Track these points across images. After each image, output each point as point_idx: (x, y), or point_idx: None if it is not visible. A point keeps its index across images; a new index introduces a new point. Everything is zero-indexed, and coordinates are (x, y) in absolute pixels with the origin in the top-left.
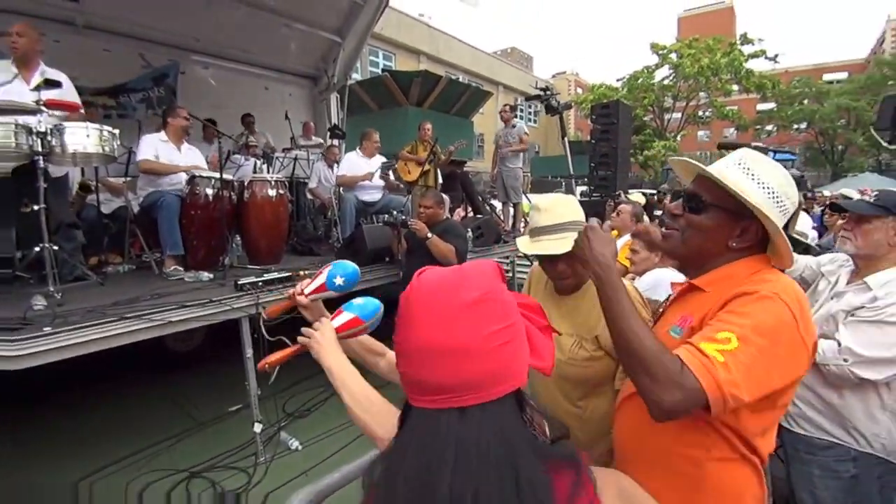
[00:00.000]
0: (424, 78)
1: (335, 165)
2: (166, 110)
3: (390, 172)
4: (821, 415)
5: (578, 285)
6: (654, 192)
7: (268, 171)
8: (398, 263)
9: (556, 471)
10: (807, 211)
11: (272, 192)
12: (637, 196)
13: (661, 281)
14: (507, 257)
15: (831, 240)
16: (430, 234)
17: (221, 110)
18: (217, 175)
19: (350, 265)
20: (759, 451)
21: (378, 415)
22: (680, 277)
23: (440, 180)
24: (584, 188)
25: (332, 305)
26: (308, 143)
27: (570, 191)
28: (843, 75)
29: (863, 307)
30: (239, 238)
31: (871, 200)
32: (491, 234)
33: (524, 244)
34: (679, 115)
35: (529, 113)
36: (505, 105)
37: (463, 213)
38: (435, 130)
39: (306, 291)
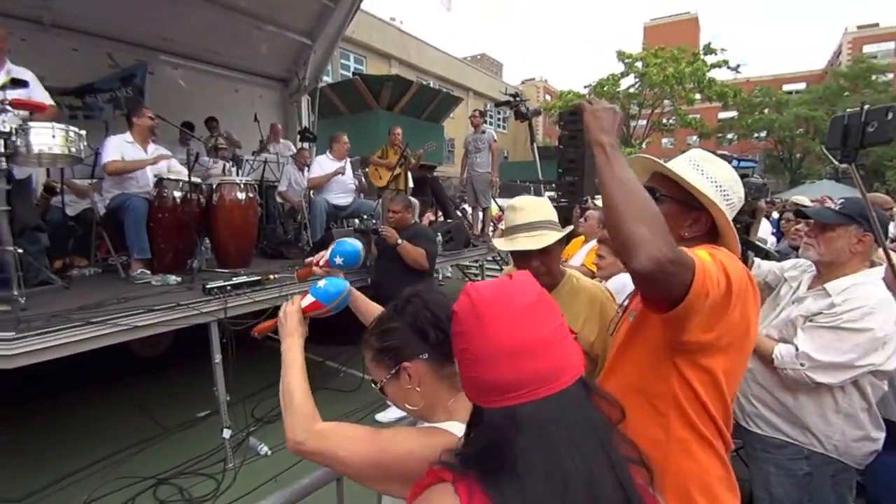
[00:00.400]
0: (395, 82)
1: (306, 169)
2: (131, 110)
3: (361, 176)
4: (777, 415)
5: (553, 284)
6: None
7: (237, 174)
8: (368, 269)
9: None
10: (767, 217)
11: (241, 196)
12: None
13: (627, 285)
14: (477, 261)
15: (787, 245)
16: (400, 241)
17: (191, 112)
18: (185, 178)
19: (352, 245)
20: (717, 421)
21: (292, 415)
22: None
23: (411, 184)
24: (553, 193)
25: None
26: (277, 148)
27: (539, 195)
28: (801, 86)
29: (821, 313)
30: (208, 242)
31: (836, 209)
32: (461, 237)
33: (501, 243)
34: (644, 122)
35: (498, 119)
36: (475, 110)
37: (433, 218)
38: (406, 135)
39: (321, 262)
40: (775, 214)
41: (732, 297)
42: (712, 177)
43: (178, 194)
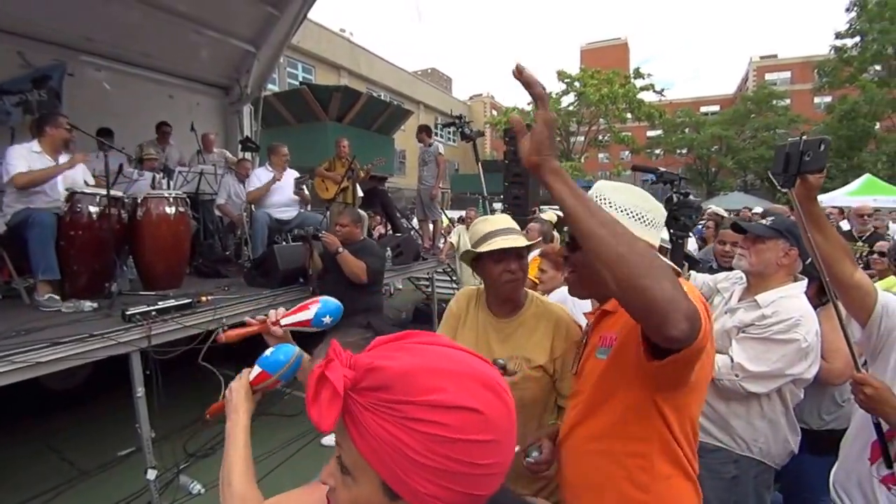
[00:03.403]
0: (344, 93)
1: (247, 180)
2: (42, 118)
3: (304, 187)
4: (710, 421)
5: (519, 305)
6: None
7: (168, 187)
8: (312, 282)
9: None
10: (692, 227)
11: (170, 210)
12: (550, 214)
13: (567, 300)
14: (427, 274)
15: (709, 251)
16: (341, 249)
17: (118, 118)
18: (102, 191)
19: (335, 302)
20: (693, 450)
21: (229, 499)
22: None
23: (361, 193)
24: (500, 205)
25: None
26: (211, 158)
27: (486, 209)
28: (716, 108)
29: (752, 324)
30: (132, 261)
31: (768, 224)
32: (410, 251)
33: (481, 248)
34: (582, 138)
35: (449, 133)
36: (420, 126)
37: (383, 231)
38: (355, 147)
39: (283, 322)
40: (699, 224)
41: (709, 331)
42: (621, 205)
43: (94, 209)
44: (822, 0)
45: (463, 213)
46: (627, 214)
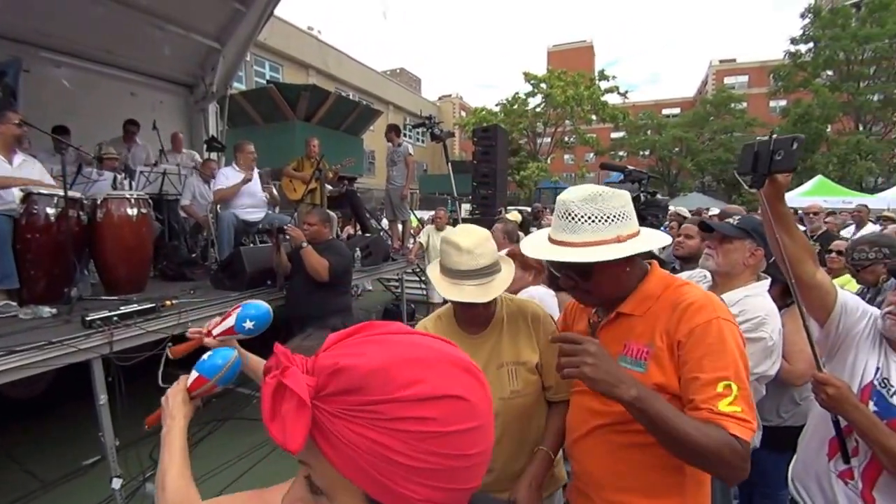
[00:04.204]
0: (313, 92)
1: (212, 181)
2: None
3: (273, 188)
4: None
5: (487, 322)
6: (530, 209)
7: (130, 187)
8: (282, 282)
9: None
10: (658, 226)
11: (132, 211)
12: (514, 214)
13: (534, 297)
14: (397, 275)
15: (671, 251)
16: (305, 243)
17: (78, 117)
18: (60, 192)
19: (262, 306)
20: None
21: (162, 502)
22: (551, 294)
23: (327, 193)
24: (469, 206)
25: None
26: (178, 158)
27: (455, 208)
28: (677, 110)
29: None
30: (93, 265)
31: (735, 224)
32: (380, 252)
33: (445, 289)
34: (549, 139)
35: (418, 133)
36: (389, 125)
37: (352, 231)
38: (324, 147)
39: (215, 332)
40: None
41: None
42: (593, 215)
43: (51, 211)
44: (781, 7)
45: (432, 212)
46: (606, 221)
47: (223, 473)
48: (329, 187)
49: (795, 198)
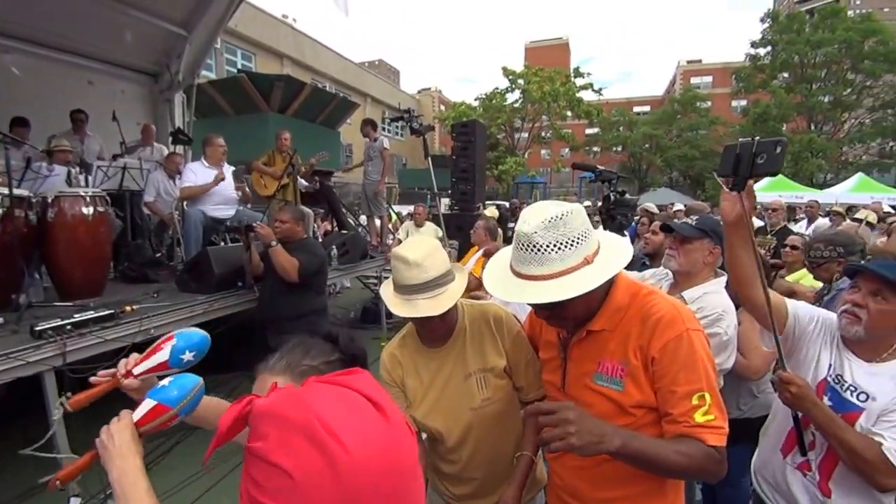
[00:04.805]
0: (287, 83)
1: (178, 176)
2: None
3: (245, 185)
4: None
5: (450, 333)
6: (508, 204)
7: (86, 183)
8: (251, 283)
9: None
10: (627, 225)
11: (87, 210)
12: (492, 210)
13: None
14: (376, 272)
15: (641, 247)
16: (274, 242)
17: (29, 107)
18: (4, 190)
19: (196, 333)
20: None
21: None
22: None
23: (304, 183)
24: (447, 200)
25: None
26: (146, 152)
27: (434, 202)
28: (647, 108)
29: None
30: (45, 268)
31: (693, 224)
32: (357, 249)
33: (395, 304)
34: (526, 134)
35: (397, 127)
36: (365, 120)
37: (329, 227)
38: (299, 140)
39: (136, 371)
40: (634, 219)
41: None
42: (555, 242)
43: None
44: (745, 10)
45: (412, 208)
46: (571, 246)
47: (172, 499)
48: (304, 182)
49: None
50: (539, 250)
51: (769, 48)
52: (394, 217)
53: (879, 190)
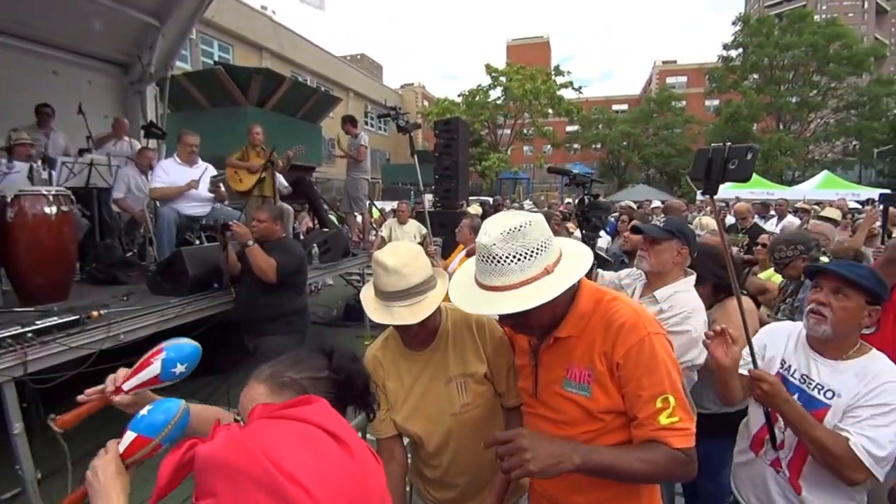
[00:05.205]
0: (266, 76)
1: (150, 171)
2: None
3: (222, 185)
4: None
5: (432, 337)
6: (491, 201)
7: (50, 180)
8: (228, 283)
9: None
10: (602, 227)
11: (50, 210)
12: (475, 207)
13: None
14: (359, 269)
15: (620, 245)
16: (251, 242)
17: None
18: None
19: (187, 344)
20: None
21: None
22: None
23: (285, 184)
24: (431, 196)
25: None
26: (119, 147)
27: (419, 199)
28: (625, 106)
29: None
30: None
31: (661, 226)
32: (339, 248)
33: (373, 310)
34: (508, 131)
35: (380, 122)
36: (345, 116)
37: (310, 224)
38: (280, 135)
39: (126, 387)
40: (612, 217)
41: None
42: (515, 253)
43: None
44: (719, 12)
45: (395, 203)
46: (531, 257)
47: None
48: (283, 183)
49: (726, 190)
50: (499, 261)
51: (740, 50)
52: (376, 213)
53: (843, 186)
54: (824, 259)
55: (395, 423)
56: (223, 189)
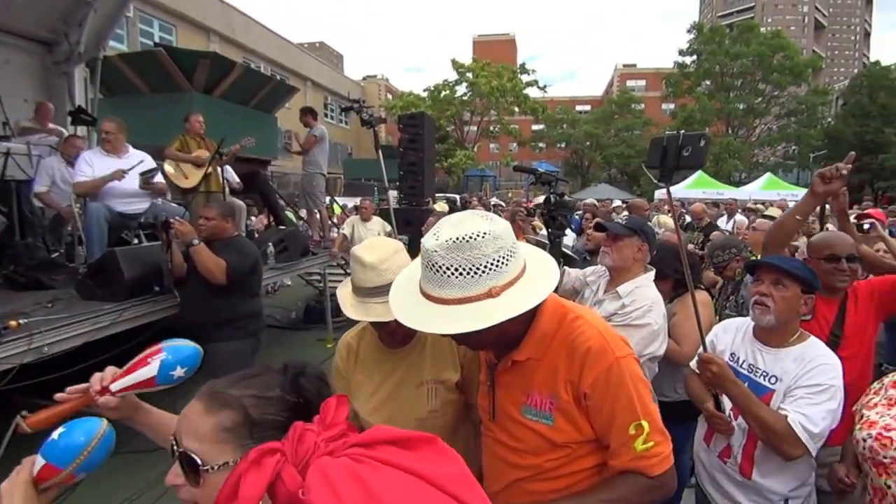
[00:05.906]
0: (214, 61)
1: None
2: None
3: (159, 175)
4: None
5: (409, 336)
6: (458, 198)
7: None
8: (171, 284)
9: None
10: (567, 225)
11: None
12: (441, 205)
13: None
14: (320, 269)
15: (584, 243)
16: (196, 241)
17: None
18: None
19: (187, 346)
20: None
21: None
22: None
23: (237, 179)
24: (395, 192)
25: None
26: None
27: (384, 195)
28: (588, 107)
29: (615, 314)
30: None
31: (623, 223)
32: (297, 246)
33: (348, 306)
34: (475, 128)
35: (341, 114)
36: (304, 108)
37: (266, 222)
38: (228, 125)
39: (115, 388)
40: (577, 215)
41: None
42: (461, 266)
43: None
44: (677, 18)
45: (357, 200)
46: (475, 274)
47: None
48: (235, 179)
49: (681, 190)
50: (438, 271)
51: (694, 57)
52: (338, 210)
53: (784, 188)
54: (755, 258)
55: (357, 415)
56: (157, 182)
